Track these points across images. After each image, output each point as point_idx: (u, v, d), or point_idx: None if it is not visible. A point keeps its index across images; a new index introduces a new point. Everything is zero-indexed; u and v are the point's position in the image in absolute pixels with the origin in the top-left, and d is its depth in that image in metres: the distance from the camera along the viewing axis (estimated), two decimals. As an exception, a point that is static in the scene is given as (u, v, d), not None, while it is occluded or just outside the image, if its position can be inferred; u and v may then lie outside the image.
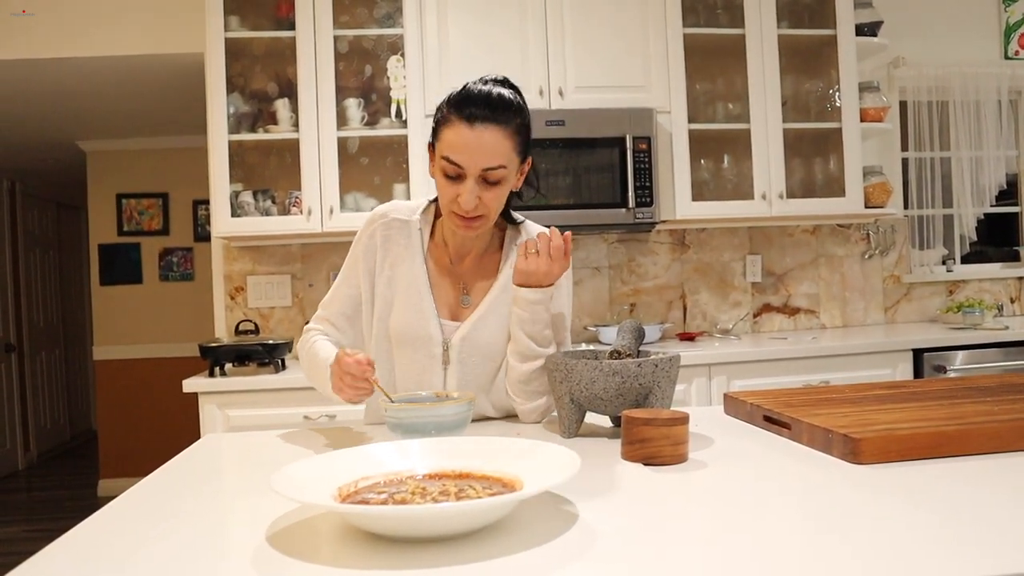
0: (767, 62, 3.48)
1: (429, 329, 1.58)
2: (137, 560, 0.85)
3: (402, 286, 1.59)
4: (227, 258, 3.54)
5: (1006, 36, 4.19)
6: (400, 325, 1.59)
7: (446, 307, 1.61)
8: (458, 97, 1.47)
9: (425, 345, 1.58)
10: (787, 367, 3.14)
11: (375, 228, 1.62)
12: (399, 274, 1.60)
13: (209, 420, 2.85)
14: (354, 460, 1.04)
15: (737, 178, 3.66)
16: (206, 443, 1.55)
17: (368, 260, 1.62)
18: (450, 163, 1.45)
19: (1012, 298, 4.15)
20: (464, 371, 1.59)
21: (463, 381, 1.59)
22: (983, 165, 4.07)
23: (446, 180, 1.47)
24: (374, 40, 3.38)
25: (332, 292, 1.68)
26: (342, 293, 1.66)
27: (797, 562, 0.77)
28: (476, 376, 1.60)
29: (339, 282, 1.67)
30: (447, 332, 1.59)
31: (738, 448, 1.28)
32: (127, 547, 0.90)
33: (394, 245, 1.61)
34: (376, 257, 1.61)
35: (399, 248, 1.61)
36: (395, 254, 1.61)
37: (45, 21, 3.57)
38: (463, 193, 1.45)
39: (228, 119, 3.21)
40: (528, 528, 0.90)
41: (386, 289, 1.60)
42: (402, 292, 1.59)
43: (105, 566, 0.84)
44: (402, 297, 1.59)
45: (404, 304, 1.59)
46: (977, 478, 1.05)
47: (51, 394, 7.09)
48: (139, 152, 5.71)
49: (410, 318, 1.58)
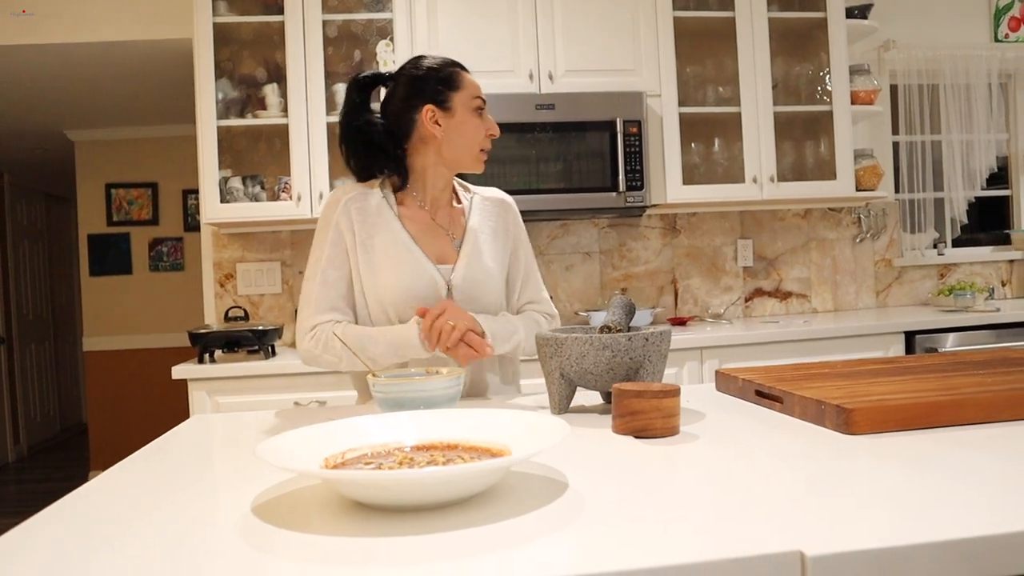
0: (757, 45, 3.47)
1: (430, 273, 1.67)
2: (121, 532, 0.84)
3: (386, 250, 1.68)
4: (216, 245, 3.51)
5: (996, 19, 4.18)
6: (397, 282, 1.65)
7: (435, 256, 1.71)
8: (446, 59, 1.75)
9: (430, 290, 1.66)
10: (779, 350, 3.14)
11: (343, 208, 1.70)
12: (379, 242, 1.68)
13: (199, 407, 2.84)
14: (341, 432, 1.03)
15: (728, 161, 3.65)
16: (194, 422, 1.54)
17: (349, 237, 1.69)
18: (481, 99, 1.73)
19: (1003, 281, 4.16)
20: (466, 306, 1.66)
21: None
22: (974, 148, 4.07)
23: (476, 117, 1.72)
24: (363, 25, 3.35)
25: (319, 282, 1.67)
26: (333, 278, 1.68)
27: (792, 522, 0.76)
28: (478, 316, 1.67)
29: (323, 269, 1.67)
30: (445, 275, 1.70)
31: (730, 421, 1.27)
32: (111, 519, 0.89)
33: (365, 217, 1.70)
34: (354, 231, 1.69)
35: (371, 219, 1.70)
36: (370, 224, 1.70)
37: (30, 8, 3.53)
38: (491, 122, 1.74)
39: (217, 105, 3.19)
40: (517, 497, 0.89)
41: (370, 257, 1.68)
42: (388, 255, 1.67)
43: (88, 538, 0.83)
44: (390, 260, 1.67)
45: (394, 264, 1.66)
46: (972, 445, 1.04)
47: (41, 386, 7.05)
48: (128, 141, 5.67)
49: (406, 272, 1.66)
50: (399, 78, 1.75)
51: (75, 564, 0.75)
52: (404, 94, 1.72)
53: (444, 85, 1.71)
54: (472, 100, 1.72)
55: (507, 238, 1.83)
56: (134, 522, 0.87)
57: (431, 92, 1.70)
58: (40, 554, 0.78)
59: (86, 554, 0.78)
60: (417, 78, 1.71)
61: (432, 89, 1.70)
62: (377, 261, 1.67)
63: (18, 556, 0.78)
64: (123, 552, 0.78)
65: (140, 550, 0.78)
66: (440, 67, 1.72)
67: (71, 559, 0.76)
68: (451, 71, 1.72)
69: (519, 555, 0.72)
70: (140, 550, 0.78)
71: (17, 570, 0.74)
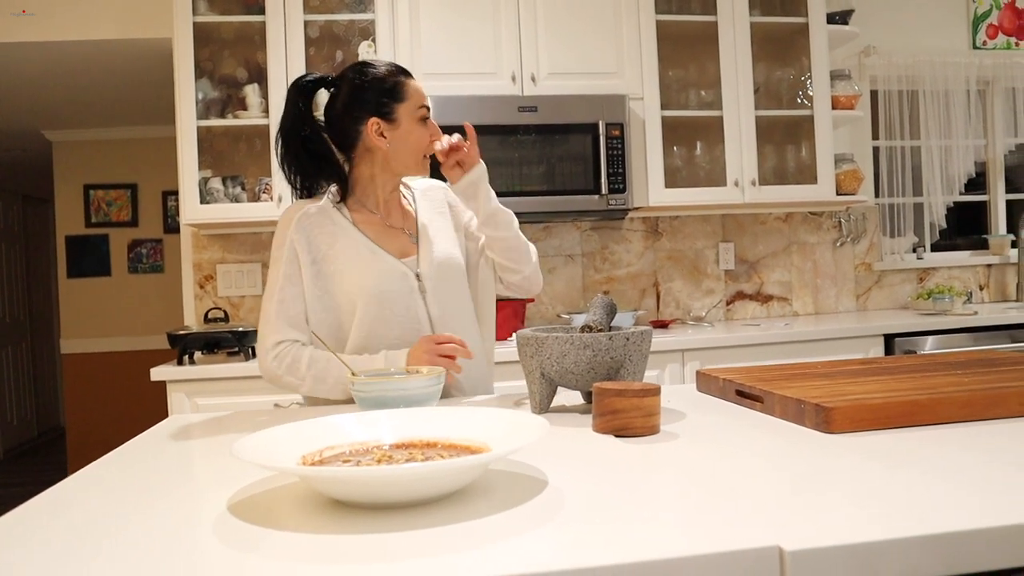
0: (739, 49, 3.49)
1: (398, 269, 1.70)
2: (95, 533, 0.83)
3: (348, 257, 1.69)
4: (196, 246, 3.49)
5: (974, 26, 4.23)
6: (366, 283, 1.67)
7: (397, 253, 1.74)
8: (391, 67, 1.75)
9: (402, 284, 1.69)
10: (760, 352, 3.15)
11: (295, 226, 1.71)
12: (338, 248, 1.70)
13: (178, 408, 2.81)
14: (319, 430, 1.02)
15: (710, 165, 3.67)
16: (170, 423, 1.52)
17: (304, 255, 1.69)
18: (426, 107, 1.74)
19: (981, 285, 4.20)
20: (440, 294, 1.73)
21: (444, 306, 1.74)
22: (952, 154, 4.11)
23: (421, 126, 1.73)
24: (345, 25, 3.34)
25: (278, 300, 1.69)
26: (291, 295, 1.69)
27: (771, 518, 0.76)
28: (452, 299, 1.76)
29: (281, 287, 1.69)
30: (411, 267, 1.73)
31: (710, 421, 1.27)
32: (85, 520, 0.87)
33: (321, 230, 1.71)
34: (311, 247, 1.69)
35: (327, 230, 1.71)
36: (327, 234, 1.71)
37: (7, 4, 3.49)
38: (435, 127, 1.75)
39: (197, 105, 3.16)
40: (496, 494, 0.88)
41: (331, 265, 1.69)
42: (352, 260, 1.69)
43: (61, 540, 0.81)
44: (355, 264, 1.68)
45: (361, 267, 1.68)
46: (949, 443, 1.04)
47: (18, 389, 6.97)
48: (107, 142, 5.62)
49: (374, 271, 1.68)
50: (342, 85, 1.74)
51: (48, 567, 0.73)
52: (348, 103, 1.72)
53: (389, 97, 1.71)
54: (417, 110, 1.73)
55: (451, 214, 1.87)
56: (109, 523, 0.86)
57: (376, 104, 1.70)
58: (11, 556, 0.77)
59: (59, 556, 0.76)
60: (361, 89, 1.71)
61: (376, 101, 1.70)
62: (340, 269, 1.69)
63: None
64: (98, 553, 0.76)
65: (115, 551, 0.77)
66: (385, 77, 1.72)
67: (42, 562, 0.75)
68: (395, 81, 1.72)
69: (499, 551, 0.71)
70: (115, 551, 0.77)
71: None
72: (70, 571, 0.71)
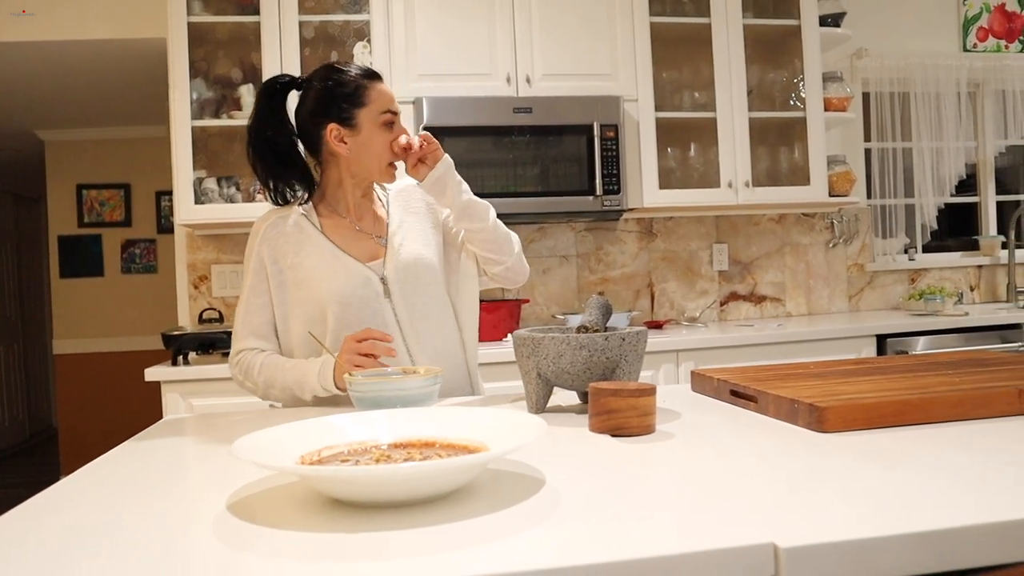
0: (732, 51, 3.50)
1: (362, 273, 1.68)
2: (93, 533, 0.83)
3: (312, 262, 1.69)
4: (191, 247, 3.49)
5: (965, 29, 4.25)
6: (332, 288, 1.67)
7: (365, 257, 1.72)
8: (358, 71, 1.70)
9: (365, 286, 1.68)
10: (753, 353, 3.16)
11: (263, 235, 1.72)
12: (304, 255, 1.70)
13: (172, 409, 2.81)
14: (318, 430, 1.02)
15: (704, 166, 3.68)
16: (165, 424, 1.52)
17: (270, 266, 1.71)
18: (391, 113, 1.69)
19: (971, 286, 4.22)
20: (407, 296, 1.70)
21: (412, 308, 1.71)
22: (943, 156, 4.13)
23: (385, 131, 1.69)
24: (340, 26, 3.35)
25: (244, 310, 1.73)
26: (256, 305, 1.72)
27: (766, 516, 0.77)
28: (422, 301, 1.72)
29: (247, 297, 1.73)
30: (377, 270, 1.71)
31: (705, 421, 1.28)
32: (82, 522, 0.87)
33: (287, 239, 1.71)
34: (277, 256, 1.70)
35: (294, 238, 1.71)
36: (294, 242, 1.71)
37: (5, 5, 3.48)
38: (404, 132, 1.70)
39: (191, 105, 3.16)
40: (493, 494, 0.89)
41: (298, 273, 1.69)
42: (317, 268, 1.69)
43: (58, 542, 0.81)
44: (320, 271, 1.68)
45: (326, 273, 1.68)
46: (941, 442, 1.05)
47: (9, 390, 6.94)
48: (100, 142, 5.61)
49: (339, 277, 1.67)
50: (308, 89, 1.72)
51: (46, 567, 0.74)
52: (311, 108, 1.70)
53: (348, 102, 1.67)
54: (380, 115, 1.68)
55: (429, 212, 1.83)
56: (107, 523, 0.86)
57: (335, 109, 1.67)
58: (9, 556, 0.77)
59: (57, 557, 0.76)
60: (322, 93, 1.69)
61: (336, 107, 1.67)
62: (306, 276, 1.68)
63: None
64: (96, 553, 0.77)
65: (114, 550, 0.77)
66: (347, 82, 1.68)
67: (40, 562, 0.75)
68: (357, 85, 1.68)
69: (496, 549, 0.72)
70: (114, 550, 0.77)
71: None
72: (69, 572, 0.72)
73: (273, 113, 1.71)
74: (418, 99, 3.15)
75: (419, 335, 1.71)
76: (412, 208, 1.82)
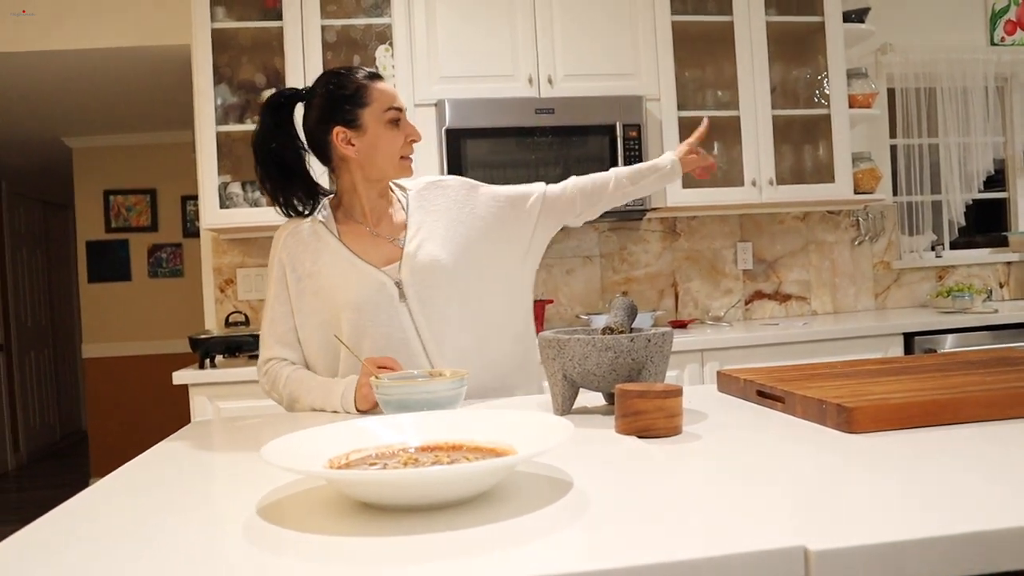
0: (755, 49, 3.48)
1: (378, 279, 1.68)
2: (127, 536, 0.84)
3: (328, 270, 1.70)
4: (216, 251, 3.52)
5: (992, 22, 4.20)
6: (348, 296, 1.67)
7: (382, 261, 1.71)
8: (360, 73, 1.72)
9: (379, 291, 1.67)
10: (779, 352, 3.14)
11: (282, 245, 1.74)
12: (321, 265, 1.71)
13: (200, 412, 2.84)
14: (346, 433, 1.03)
15: (727, 165, 3.66)
16: (193, 428, 1.54)
17: (290, 274, 1.72)
18: (395, 110, 1.69)
19: (1001, 283, 4.17)
20: (425, 299, 1.68)
21: (430, 311, 1.69)
22: (971, 151, 4.09)
23: (391, 129, 1.69)
24: (362, 30, 3.37)
25: (269, 318, 1.75)
26: (280, 313, 1.73)
27: (796, 518, 0.77)
28: (441, 303, 1.70)
29: (271, 305, 1.74)
30: (393, 275, 1.69)
31: (732, 421, 1.28)
32: (116, 524, 0.89)
33: (305, 248, 1.72)
34: (296, 265, 1.72)
35: (312, 246, 1.72)
36: (313, 251, 1.72)
37: (30, 10, 3.53)
38: (411, 127, 1.71)
39: (216, 110, 3.20)
40: (521, 496, 0.89)
41: (316, 282, 1.70)
42: (331, 274, 1.69)
43: (93, 543, 0.83)
44: (337, 278, 1.69)
45: (342, 281, 1.68)
46: (972, 442, 1.04)
47: (40, 394, 7.04)
48: (126, 148, 5.68)
49: (354, 283, 1.67)
50: (312, 97, 1.73)
51: (81, 570, 0.75)
52: (316, 116, 1.71)
53: (351, 103, 1.68)
54: (384, 113, 1.69)
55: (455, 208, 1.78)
56: (140, 526, 0.87)
57: (340, 112, 1.68)
58: (43, 560, 0.78)
59: (91, 559, 0.78)
60: (325, 99, 1.70)
61: (340, 109, 1.68)
62: (324, 285, 1.69)
63: (21, 562, 0.78)
64: (130, 556, 0.78)
65: (148, 553, 0.78)
66: (347, 84, 1.69)
67: (75, 565, 0.76)
68: (358, 86, 1.69)
69: (525, 553, 0.72)
70: (148, 553, 0.78)
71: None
72: (101, 574, 0.73)
73: (278, 127, 1.71)
74: (440, 101, 3.16)
75: (439, 337, 1.70)
76: (433, 207, 1.78)
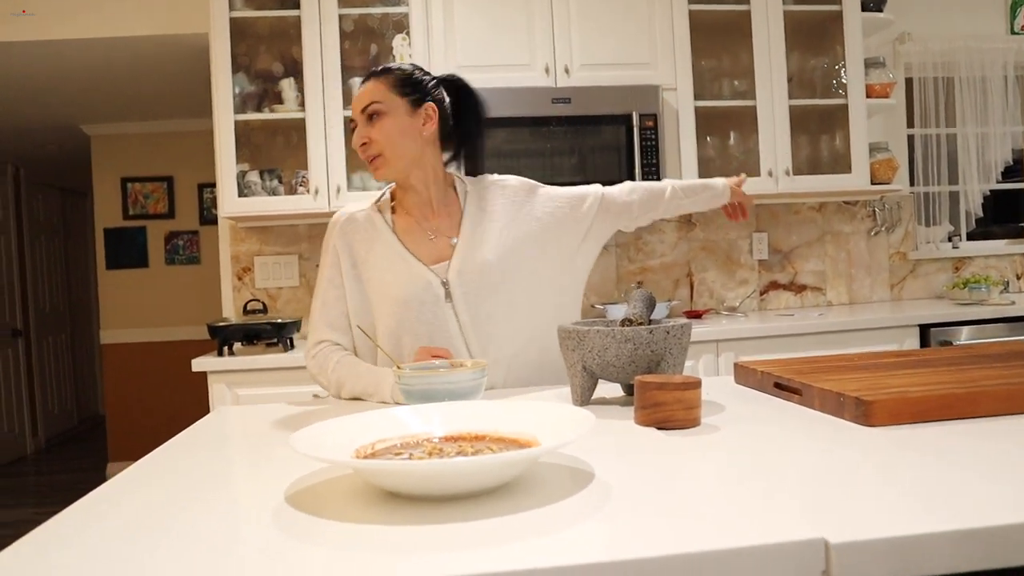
0: (772, 38, 3.47)
1: (424, 277, 1.68)
2: (157, 523, 0.86)
3: (380, 262, 1.71)
4: (234, 239, 3.55)
5: (1012, 11, 4.16)
6: (394, 292, 1.68)
7: (431, 258, 1.71)
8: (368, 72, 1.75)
9: (425, 290, 1.67)
10: (794, 343, 3.15)
11: (338, 231, 1.76)
12: (375, 254, 1.72)
13: (219, 399, 2.87)
14: (371, 422, 1.05)
15: (743, 155, 3.66)
16: (217, 415, 1.56)
17: (345, 260, 1.74)
18: (351, 119, 1.72)
19: (1018, 274, 4.15)
20: (471, 300, 1.68)
21: (476, 312, 1.68)
22: (989, 141, 4.06)
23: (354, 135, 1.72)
24: (379, 19, 3.37)
25: (320, 303, 1.76)
26: (332, 297, 1.75)
27: (815, 511, 0.78)
28: (487, 305, 1.69)
29: (324, 289, 1.76)
30: (441, 274, 1.69)
31: (750, 413, 1.29)
32: (145, 512, 0.90)
33: (360, 237, 1.75)
34: (351, 253, 1.74)
35: (367, 236, 1.74)
36: (366, 240, 1.74)
37: (46, 2, 3.56)
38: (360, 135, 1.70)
39: (234, 99, 3.22)
40: (544, 487, 0.91)
41: (367, 271, 1.72)
42: (384, 267, 1.71)
43: (125, 529, 0.84)
44: (386, 271, 1.70)
45: (391, 274, 1.70)
46: (991, 436, 1.05)
47: (58, 379, 7.12)
48: (144, 136, 5.71)
49: (401, 279, 1.68)
50: None
51: (113, 556, 0.77)
52: None
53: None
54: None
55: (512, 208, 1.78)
56: (166, 516, 0.89)
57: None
58: (75, 548, 0.79)
59: (124, 545, 0.79)
60: None
61: None
62: (373, 275, 1.72)
63: (52, 551, 0.79)
64: (162, 543, 0.79)
65: (179, 540, 0.80)
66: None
67: (108, 552, 0.78)
68: None
69: (548, 543, 0.73)
70: (179, 540, 0.80)
71: (52, 565, 0.75)
72: (134, 564, 0.74)
73: None
74: (457, 91, 3.17)
75: (484, 339, 1.69)
76: (491, 207, 1.77)
